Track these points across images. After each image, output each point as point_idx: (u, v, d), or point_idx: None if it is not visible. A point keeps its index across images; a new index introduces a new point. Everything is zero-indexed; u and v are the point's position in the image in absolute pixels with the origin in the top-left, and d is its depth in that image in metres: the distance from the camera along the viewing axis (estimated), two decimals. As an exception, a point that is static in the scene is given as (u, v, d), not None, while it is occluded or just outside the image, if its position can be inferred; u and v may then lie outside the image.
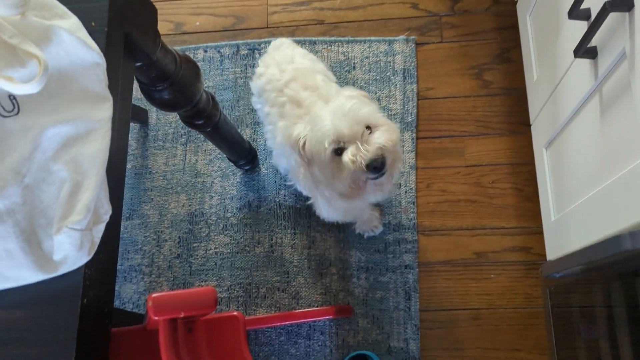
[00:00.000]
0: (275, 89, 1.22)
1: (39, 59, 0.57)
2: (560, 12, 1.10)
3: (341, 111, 0.98)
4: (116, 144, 0.68)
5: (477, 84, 1.55)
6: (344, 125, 0.96)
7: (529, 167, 1.46)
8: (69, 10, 0.67)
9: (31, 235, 0.58)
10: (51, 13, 0.66)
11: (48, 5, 0.66)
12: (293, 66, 1.24)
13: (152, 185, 1.57)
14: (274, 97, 1.22)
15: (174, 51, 0.96)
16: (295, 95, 1.18)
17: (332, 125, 0.97)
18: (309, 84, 1.19)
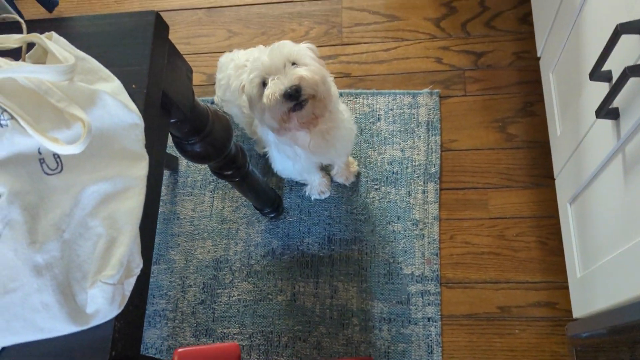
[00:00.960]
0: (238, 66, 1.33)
1: (83, 122, 0.61)
2: (582, 72, 1.12)
3: (270, 48, 1.07)
4: (149, 198, 0.71)
5: (501, 136, 1.57)
6: (267, 58, 1.05)
7: (554, 221, 1.45)
8: (112, 74, 0.72)
9: (67, 288, 0.61)
10: (96, 76, 0.71)
11: (94, 69, 0.71)
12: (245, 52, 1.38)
13: (180, 230, 1.60)
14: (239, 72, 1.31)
15: (206, 106, 1.01)
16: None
17: (258, 59, 1.06)
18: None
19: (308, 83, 1.03)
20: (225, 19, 1.83)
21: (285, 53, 1.05)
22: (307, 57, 1.08)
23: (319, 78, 1.05)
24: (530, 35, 1.65)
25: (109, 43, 0.77)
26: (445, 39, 1.70)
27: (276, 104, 1.03)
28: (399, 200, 1.54)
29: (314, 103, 1.06)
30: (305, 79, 1.02)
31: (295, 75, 1.02)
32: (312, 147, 1.21)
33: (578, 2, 1.12)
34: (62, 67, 0.62)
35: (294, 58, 1.06)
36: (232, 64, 1.36)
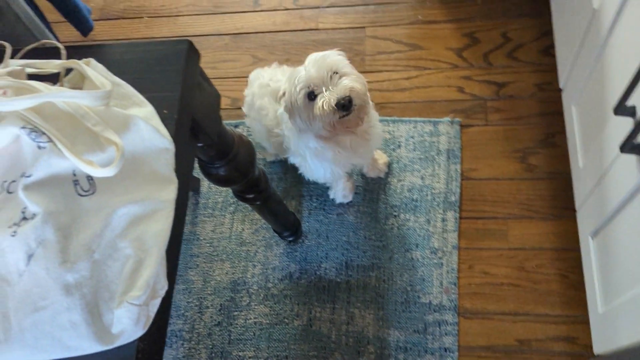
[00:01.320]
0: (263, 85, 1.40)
1: (117, 146, 0.63)
2: (606, 105, 1.12)
3: (312, 60, 1.15)
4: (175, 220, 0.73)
5: (522, 167, 1.57)
6: (313, 70, 1.12)
7: (575, 254, 1.44)
8: (145, 99, 0.75)
9: (94, 308, 0.62)
10: (130, 101, 0.73)
11: (128, 95, 0.74)
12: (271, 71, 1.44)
13: (199, 251, 1.62)
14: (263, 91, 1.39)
15: (231, 131, 1.03)
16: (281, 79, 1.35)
17: (303, 72, 1.13)
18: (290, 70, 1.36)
19: (357, 94, 1.13)
20: (251, 45, 1.88)
21: (329, 64, 1.13)
22: (346, 66, 1.17)
23: (364, 88, 1.16)
24: (552, 68, 1.66)
25: (143, 69, 0.79)
26: (467, 68, 1.72)
27: (329, 114, 1.12)
28: (418, 228, 1.54)
29: (359, 108, 1.16)
30: (355, 90, 1.12)
31: (346, 87, 1.11)
32: (353, 147, 1.29)
33: (602, 37, 1.13)
34: (99, 92, 0.64)
35: (336, 68, 1.14)
36: (257, 82, 1.42)
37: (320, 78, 1.12)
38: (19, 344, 0.61)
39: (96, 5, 2.04)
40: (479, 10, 1.79)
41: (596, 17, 1.17)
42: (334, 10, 1.88)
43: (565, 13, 1.44)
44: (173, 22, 1.97)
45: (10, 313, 0.61)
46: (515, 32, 1.73)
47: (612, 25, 1.08)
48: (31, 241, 0.61)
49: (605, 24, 1.11)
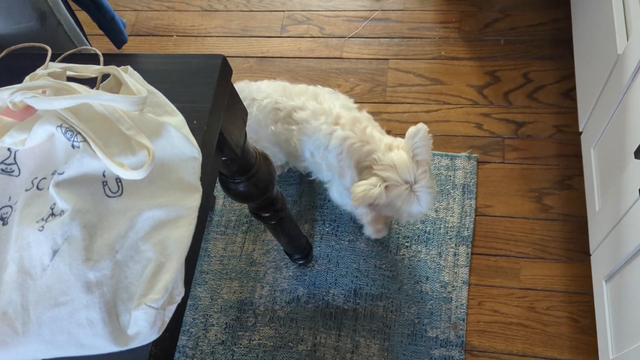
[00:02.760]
0: (268, 111, 1.36)
1: (149, 150, 0.65)
2: (626, 149, 1.13)
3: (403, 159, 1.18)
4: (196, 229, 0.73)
5: (537, 207, 1.57)
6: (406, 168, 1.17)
7: (587, 298, 1.42)
8: (176, 109, 0.77)
9: (112, 307, 0.63)
10: (162, 110, 0.75)
11: (161, 103, 0.75)
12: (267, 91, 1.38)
13: (209, 268, 1.62)
14: (272, 116, 1.36)
15: (254, 148, 1.04)
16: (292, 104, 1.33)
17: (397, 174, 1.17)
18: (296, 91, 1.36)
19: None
20: (275, 69, 1.91)
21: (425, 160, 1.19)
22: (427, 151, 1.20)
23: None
24: (572, 110, 1.67)
25: (176, 80, 0.82)
26: (487, 106, 1.73)
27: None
28: (429, 261, 1.53)
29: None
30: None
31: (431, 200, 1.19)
32: None
33: (625, 82, 1.14)
34: (135, 98, 0.66)
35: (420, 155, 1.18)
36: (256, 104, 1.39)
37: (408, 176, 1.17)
38: (36, 337, 0.61)
39: (128, 21, 2.10)
40: (501, 50, 1.82)
41: (620, 63, 1.18)
42: (359, 40, 1.91)
43: (588, 57, 1.46)
44: (201, 42, 2.01)
45: (30, 306, 0.62)
46: (536, 73, 1.76)
47: (635, 71, 1.10)
48: (58, 237, 0.62)
49: (628, 70, 1.13)
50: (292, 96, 1.35)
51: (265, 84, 1.43)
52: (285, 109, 1.34)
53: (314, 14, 1.99)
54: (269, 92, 1.38)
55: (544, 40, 1.80)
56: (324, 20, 1.98)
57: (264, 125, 1.39)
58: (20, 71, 0.74)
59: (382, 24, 1.93)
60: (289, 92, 1.36)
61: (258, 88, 1.41)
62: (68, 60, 0.83)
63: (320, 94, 1.35)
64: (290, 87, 1.40)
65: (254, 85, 1.44)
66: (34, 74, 0.72)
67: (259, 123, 1.40)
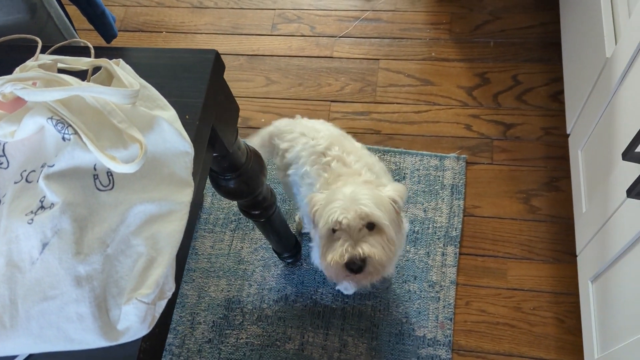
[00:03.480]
0: (315, 152, 1.23)
1: (141, 144, 0.64)
2: (614, 151, 1.14)
3: (351, 199, 1.04)
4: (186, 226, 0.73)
5: (524, 208, 1.58)
6: (345, 214, 1.02)
7: (573, 298, 1.44)
8: (168, 103, 0.76)
9: (102, 302, 0.62)
10: (154, 104, 0.74)
11: (153, 97, 0.75)
12: (323, 133, 1.26)
13: (196, 266, 1.61)
14: (314, 159, 1.23)
15: (245, 145, 1.04)
16: (341, 155, 1.21)
17: (337, 210, 1.03)
18: (348, 149, 1.23)
19: (375, 262, 1.03)
20: (265, 67, 1.91)
21: (366, 214, 1.03)
22: (387, 220, 1.05)
23: (386, 257, 1.05)
24: (560, 113, 1.69)
25: (168, 75, 0.81)
26: (476, 107, 1.75)
27: (336, 268, 1.04)
28: (417, 260, 1.54)
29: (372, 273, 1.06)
30: (373, 259, 1.02)
31: (363, 252, 1.01)
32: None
33: (613, 85, 1.16)
34: (128, 91, 0.65)
35: (374, 220, 1.04)
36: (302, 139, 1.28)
37: (347, 225, 1.02)
38: (24, 331, 0.60)
39: (117, 16, 2.08)
40: (491, 52, 1.83)
41: (608, 66, 1.20)
42: (350, 40, 1.92)
43: (577, 60, 1.48)
44: (191, 39, 2.00)
45: (18, 300, 0.61)
46: (525, 75, 1.77)
47: (623, 74, 1.11)
48: (47, 230, 0.61)
49: (616, 73, 1.14)
50: (344, 150, 1.23)
51: (321, 125, 1.31)
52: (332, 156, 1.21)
53: (305, 13, 1.99)
54: (323, 134, 1.25)
55: (533, 43, 1.82)
56: (314, 19, 1.98)
57: (301, 162, 1.26)
58: (10, 63, 0.73)
59: (373, 24, 1.94)
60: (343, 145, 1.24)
61: (312, 126, 1.29)
62: (58, 53, 0.82)
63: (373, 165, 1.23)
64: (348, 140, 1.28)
65: (306, 121, 1.33)
66: (24, 66, 0.71)
67: (297, 159, 1.28)
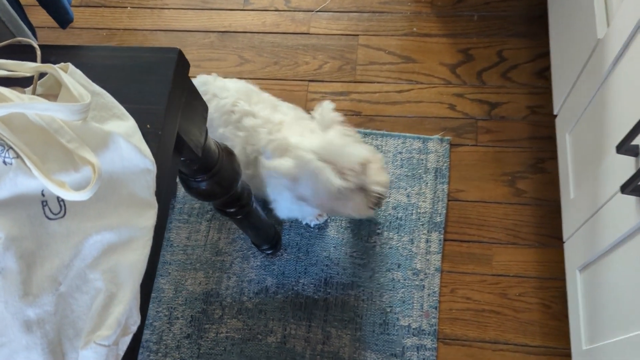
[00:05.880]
0: (225, 112, 1.26)
1: (93, 167, 0.57)
2: (605, 139, 1.09)
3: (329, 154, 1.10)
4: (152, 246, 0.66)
5: (510, 191, 1.54)
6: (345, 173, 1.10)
7: (559, 283, 1.41)
8: (127, 112, 0.68)
9: (57, 346, 0.56)
10: (110, 113, 0.66)
11: (108, 106, 0.67)
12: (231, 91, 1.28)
13: (172, 258, 1.55)
14: (225, 118, 1.25)
15: (216, 144, 0.96)
16: (248, 109, 1.24)
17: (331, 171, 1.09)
18: (257, 99, 1.28)
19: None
20: (238, 45, 1.81)
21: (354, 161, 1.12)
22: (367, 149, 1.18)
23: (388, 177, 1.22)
24: (546, 91, 1.63)
25: (127, 77, 0.73)
26: (460, 85, 1.68)
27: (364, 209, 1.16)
28: (400, 248, 1.50)
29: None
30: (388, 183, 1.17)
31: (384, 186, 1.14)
32: None
33: (605, 69, 1.10)
34: (77, 106, 0.58)
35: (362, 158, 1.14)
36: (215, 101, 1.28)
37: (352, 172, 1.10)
38: (-32, 386, 0.54)
39: (78, -10, 1.94)
40: (475, 26, 1.75)
41: (600, 48, 1.14)
42: (327, 15, 1.82)
43: (565, 39, 1.41)
44: (157, 14, 1.88)
45: (-41, 351, 0.54)
46: (510, 51, 1.70)
47: (617, 58, 1.05)
48: (-11, 271, 0.54)
49: (609, 56, 1.08)
50: (251, 102, 1.26)
51: (232, 83, 1.31)
52: (240, 112, 1.24)
53: (280, -15, 1.88)
54: (231, 92, 1.27)
55: (519, 17, 1.75)
56: (290, -8, 1.87)
57: (215, 125, 1.28)
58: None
59: (352, -3, 1.84)
60: (250, 98, 1.27)
61: (223, 85, 1.29)
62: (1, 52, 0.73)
63: (280, 106, 1.28)
64: (255, 93, 1.30)
65: (220, 81, 1.31)
66: (-46, 75, 0.62)
67: (210, 122, 1.28)
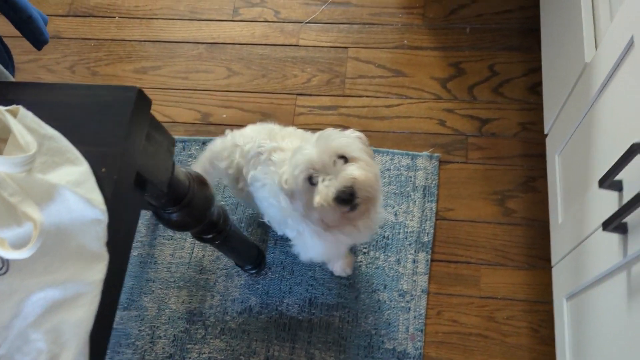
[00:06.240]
0: (250, 157, 1.18)
1: (35, 224, 0.54)
2: (591, 169, 1.06)
3: (314, 140, 0.98)
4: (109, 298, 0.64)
5: (499, 210, 1.51)
6: (314, 151, 0.95)
7: (547, 307, 1.38)
8: (81, 156, 0.65)
9: (-4, 412, 0.54)
10: (63, 158, 0.64)
11: (61, 150, 0.64)
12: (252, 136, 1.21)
13: (155, 276, 1.53)
14: (254, 162, 1.18)
15: (187, 174, 0.94)
16: (275, 145, 1.15)
17: (306, 152, 0.96)
18: (283, 134, 1.18)
19: (362, 185, 0.94)
20: (227, 57, 1.78)
21: (334, 147, 0.96)
22: (357, 149, 0.99)
23: (373, 177, 0.97)
24: (538, 107, 1.60)
25: (85, 117, 0.70)
26: (451, 100, 1.65)
27: (329, 209, 0.94)
28: (387, 268, 1.47)
29: (365, 201, 0.97)
30: (359, 180, 0.93)
31: (348, 176, 0.93)
32: (355, 234, 1.12)
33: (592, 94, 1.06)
34: (19, 159, 0.55)
35: (344, 152, 0.97)
36: (238, 150, 1.22)
37: (321, 162, 0.94)
38: None
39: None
40: (467, 39, 1.72)
41: (587, 72, 1.10)
42: (317, 26, 1.79)
43: (555, 56, 1.38)
44: (146, 24, 1.86)
45: None
46: (503, 65, 1.67)
47: (603, 85, 1.02)
48: None
49: (596, 82, 1.05)
50: (277, 138, 1.17)
51: (249, 130, 1.25)
52: (267, 151, 1.15)
53: (269, -4, 1.85)
54: (252, 136, 1.20)
55: (512, 30, 1.71)
56: (279, 2, 1.84)
57: (244, 172, 1.21)
58: None
59: (342, 8, 1.80)
60: (274, 135, 1.18)
61: (241, 134, 1.24)
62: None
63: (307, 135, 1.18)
64: (278, 129, 1.22)
65: (237, 132, 1.26)
66: None
67: (240, 171, 1.23)
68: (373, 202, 1.00)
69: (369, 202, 0.98)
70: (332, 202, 0.93)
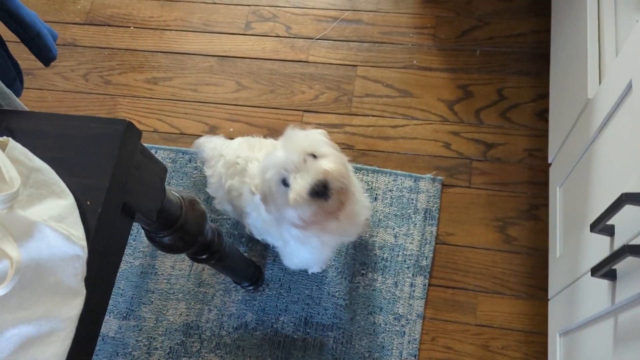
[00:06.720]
0: (229, 166, 1.27)
1: (11, 262, 0.56)
2: (587, 206, 1.05)
3: (282, 142, 1.02)
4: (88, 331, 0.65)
5: (500, 237, 1.49)
6: (282, 154, 0.99)
7: (543, 339, 1.37)
8: (67, 189, 0.67)
9: None
10: (49, 190, 0.65)
11: (48, 182, 0.66)
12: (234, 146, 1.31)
13: (155, 287, 1.55)
14: (232, 171, 1.26)
15: (179, 199, 0.95)
16: (251, 155, 1.23)
17: (273, 158, 1.01)
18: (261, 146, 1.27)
19: (334, 176, 0.98)
20: (237, 70, 1.79)
21: (302, 146, 1.00)
22: (324, 145, 1.04)
23: (344, 168, 1.01)
24: (545, 133, 1.58)
25: (75, 148, 0.72)
26: (457, 123, 1.64)
27: (304, 204, 0.97)
28: (384, 290, 1.47)
29: (338, 192, 1.00)
30: (331, 172, 0.97)
31: (319, 170, 0.97)
32: (340, 229, 1.15)
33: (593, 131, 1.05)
34: (1, 196, 0.57)
35: (312, 149, 1.01)
36: (222, 160, 1.31)
37: (291, 162, 0.98)
38: None
39: (83, 7, 1.95)
40: (477, 62, 1.71)
41: (589, 108, 1.09)
42: (327, 43, 1.79)
43: (563, 86, 1.36)
44: (159, 35, 1.88)
45: None
46: (511, 90, 1.65)
47: (603, 124, 1.01)
48: None
49: (596, 120, 1.03)
50: (254, 150, 1.24)
51: (237, 142, 1.35)
52: (243, 161, 1.23)
53: (281, 11, 1.86)
54: (235, 148, 1.30)
55: (523, 53, 1.69)
56: (291, 18, 1.85)
57: (223, 181, 1.30)
58: None
59: (353, 26, 1.81)
60: (252, 147, 1.26)
61: (229, 145, 1.34)
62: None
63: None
64: (258, 141, 1.30)
65: (226, 142, 1.37)
66: None
67: (220, 180, 1.32)
68: (346, 193, 1.02)
69: (341, 194, 1.00)
70: (306, 195, 0.96)
